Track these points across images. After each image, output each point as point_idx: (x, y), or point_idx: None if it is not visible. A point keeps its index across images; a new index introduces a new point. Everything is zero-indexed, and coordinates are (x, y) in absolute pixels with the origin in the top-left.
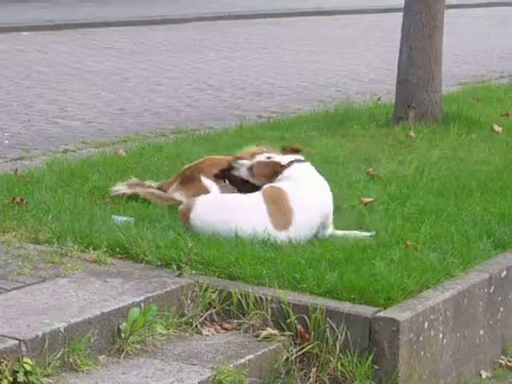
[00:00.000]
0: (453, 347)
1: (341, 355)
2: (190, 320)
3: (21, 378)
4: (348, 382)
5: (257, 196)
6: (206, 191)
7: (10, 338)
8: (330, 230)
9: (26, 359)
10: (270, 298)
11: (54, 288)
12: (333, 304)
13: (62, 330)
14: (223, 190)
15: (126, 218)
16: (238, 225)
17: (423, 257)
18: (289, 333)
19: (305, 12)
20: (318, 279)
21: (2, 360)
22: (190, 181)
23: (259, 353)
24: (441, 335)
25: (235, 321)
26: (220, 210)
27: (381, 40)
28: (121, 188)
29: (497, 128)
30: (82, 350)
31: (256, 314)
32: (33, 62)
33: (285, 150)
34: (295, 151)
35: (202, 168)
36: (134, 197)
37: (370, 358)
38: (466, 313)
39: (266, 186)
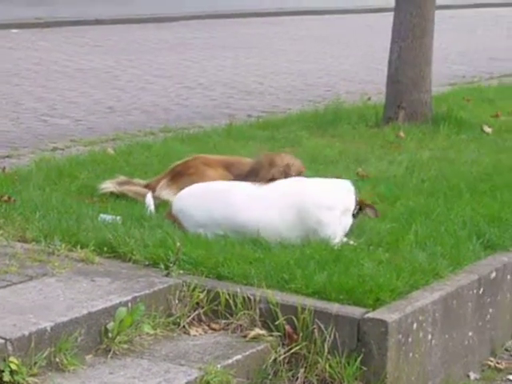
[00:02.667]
0: (441, 348)
1: (329, 356)
2: (178, 320)
3: (6, 377)
4: (336, 383)
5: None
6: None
7: None
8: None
9: (11, 358)
10: (258, 298)
11: (41, 287)
12: (321, 305)
13: (48, 329)
14: None
15: (113, 217)
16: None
17: (412, 258)
18: (277, 333)
19: (295, 11)
20: (306, 280)
21: None
22: (180, 177)
23: (247, 353)
24: (429, 336)
25: (223, 321)
26: (202, 198)
27: (371, 40)
28: (109, 186)
29: (487, 129)
30: (68, 350)
31: (244, 314)
32: (22, 59)
33: None
34: None
35: (192, 165)
36: (121, 195)
37: (359, 359)
38: (454, 314)
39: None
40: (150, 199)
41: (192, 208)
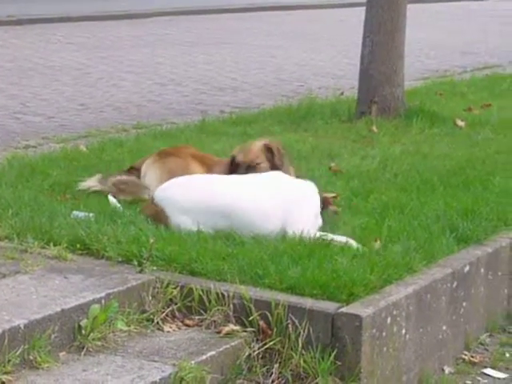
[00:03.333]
0: (416, 343)
1: (303, 351)
2: (152, 316)
3: None
4: (310, 378)
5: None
6: (183, 166)
7: None
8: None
9: None
10: (231, 293)
11: (13, 284)
12: (295, 300)
13: (21, 326)
14: None
15: (86, 214)
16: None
17: (386, 252)
18: (251, 329)
19: (267, 7)
20: (280, 275)
21: None
22: (167, 156)
23: (221, 349)
24: (403, 331)
25: (197, 317)
26: (186, 186)
27: (343, 35)
28: (90, 184)
29: (459, 123)
30: (42, 347)
31: (218, 310)
32: None
33: None
34: None
35: (183, 151)
36: (97, 192)
37: (333, 354)
38: (428, 308)
39: None
40: (112, 199)
41: (176, 195)
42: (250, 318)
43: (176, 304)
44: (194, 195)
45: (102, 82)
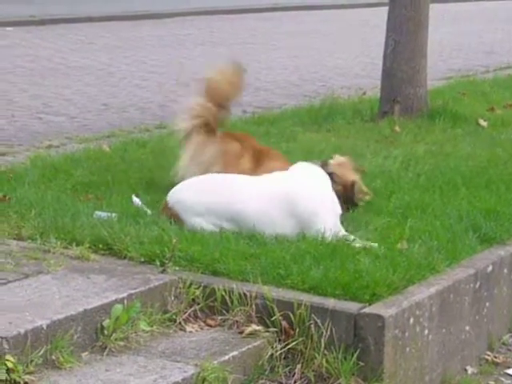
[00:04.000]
0: (438, 343)
1: (326, 351)
2: (174, 317)
3: (2, 375)
4: (333, 378)
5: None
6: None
7: None
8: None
9: (7, 356)
10: (254, 294)
11: (36, 285)
12: (317, 300)
13: (44, 327)
14: None
15: (109, 214)
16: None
17: (408, 252)
18: (273, 329)
19: (290, 7)
20: (302, 275)
21: None
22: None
23: (243, 349)
24: (426, 331)
25: (219, 317)
26: (199, 189)
27: (366, 35)
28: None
29: (482, 123)
30: (64, 348)
31: (240, 310)
32: (17, 57)
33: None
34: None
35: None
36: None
37: (356, 355)
38: (451, 308)
39: None
40: (136, 199)
41: (190, 198)
42: (273, 319)
43: (198, 304)
44: (205, 198)
45: (125, 82)
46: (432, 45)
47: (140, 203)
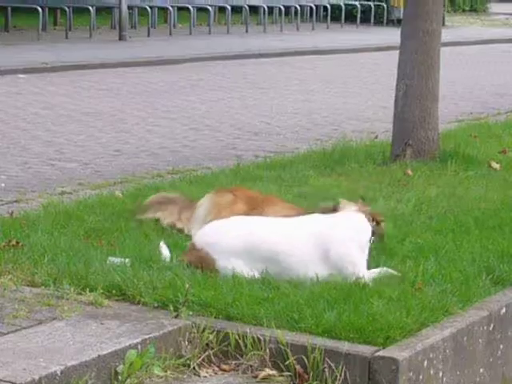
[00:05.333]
0: None
1: None
2: (188, 361)
3: None
4: None
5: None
6: (230, 203)
7: (6, 382)
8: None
9: None
10: (268, 338)
11: (50, 331)
12: (331, 344)
13: (58, 373)
14: None
15: (122, 260)
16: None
17: (422, 295)
18: (287, 373)
19: (301, 51)
20: (316, 319)
21: None
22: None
23: None
24: (440, 374)
25: (233, 362)
26: (230, 229)
27: (377, 78)
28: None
29: (494, 165)
30: None
31: (254, 354)
32: (29, 104)
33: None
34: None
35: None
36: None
37: None
38: (465, 351)
39: None
40: (163, 247)
41: (221, 239)
42: (287, 363)
43: (212, 349)
44: (238, 236)
45: (137, 127)
46: (443, 87)
47: (166, 250)
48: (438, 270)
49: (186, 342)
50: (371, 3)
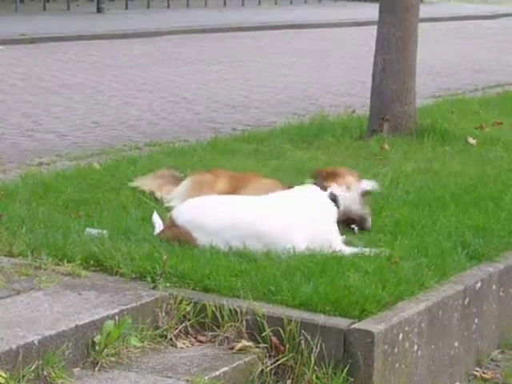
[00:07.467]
0: (427, 359)
1: (316, 367)
2: (165, 333)
3: None
4: None
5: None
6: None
7: None
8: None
9: None
10: (244, 310)
11: (28, 301)
12: (307, 316)
13: (36, 342)
14: None
15: (100, 231)
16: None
17: (398, 269)
18: (264, 345)
19: (279, 25)
20: (292, 291)
21: None
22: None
23: (234, 365)
24: (415, 347)
25: (210, 333)
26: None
27: (355, 53)
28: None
29: (471, 140)
30: (56, 363)
31: (231, 326)
32: (7, 75)
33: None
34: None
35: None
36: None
37: (345, 370)
38: (440, 324)
39: None
40: (157, 218)
41: (202, 216)
42: (263, 334)
43: (189, 320)
44: (219, 216)
45: (115, 99)
46: (420, 63)
47: (158, 221)
48: (414, 244)
49: (163, 314)
50: None
